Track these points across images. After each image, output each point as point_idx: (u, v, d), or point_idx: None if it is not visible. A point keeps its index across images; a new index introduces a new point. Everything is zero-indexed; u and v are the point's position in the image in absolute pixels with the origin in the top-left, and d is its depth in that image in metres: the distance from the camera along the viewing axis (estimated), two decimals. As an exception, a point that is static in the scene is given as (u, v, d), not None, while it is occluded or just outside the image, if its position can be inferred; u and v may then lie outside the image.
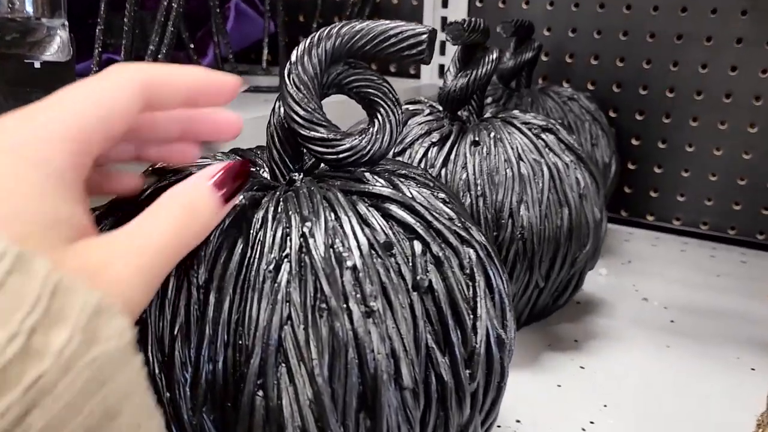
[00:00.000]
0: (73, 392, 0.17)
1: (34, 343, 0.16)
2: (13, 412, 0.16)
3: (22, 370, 0.16)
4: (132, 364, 0.18)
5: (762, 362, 0.45)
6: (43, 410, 0.16)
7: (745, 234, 0.67)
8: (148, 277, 0.20)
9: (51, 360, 0.16)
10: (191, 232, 0.22)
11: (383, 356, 0.23)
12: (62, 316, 0.17)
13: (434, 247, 0.26)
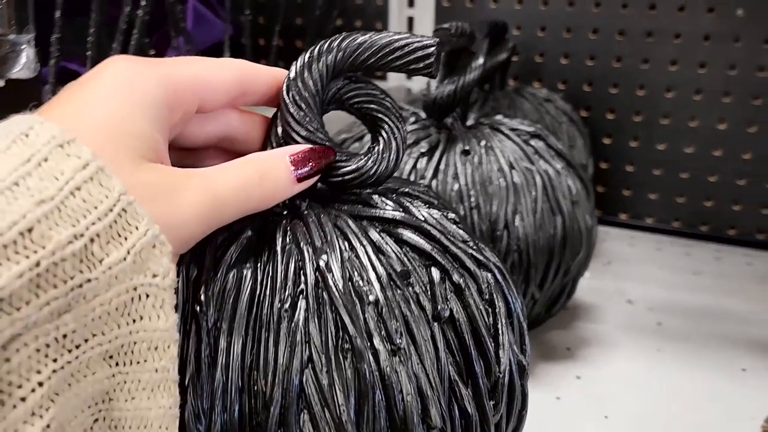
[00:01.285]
0: (109, 309, 0.18)
1: (93, 249, 0.18)
2: (54, 306, 0.17)
3: (73, 270, 0.17)
4: (168, 315, 0.19)
5: (752, 362, 0.45)
6: (76, 315, 0.17)
7: (717, 230, 0.68)
8: (204, 217, 0.21)
9: (101, 271, 0.18)
10: (256, 194, 0.23)
11: (412, 396, 0.22)
12: (123, 234, 0.18)
13: (453, 273, 0.24)
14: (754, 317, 0.52)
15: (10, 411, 0.16)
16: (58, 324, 0.17)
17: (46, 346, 0.17)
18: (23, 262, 0.16)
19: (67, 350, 0.17)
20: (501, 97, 0.60)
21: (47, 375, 0.17)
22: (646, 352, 0.46)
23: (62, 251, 0.17)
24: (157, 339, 0.19)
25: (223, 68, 0.25)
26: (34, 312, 0.16)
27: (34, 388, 0.17)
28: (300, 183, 0.24)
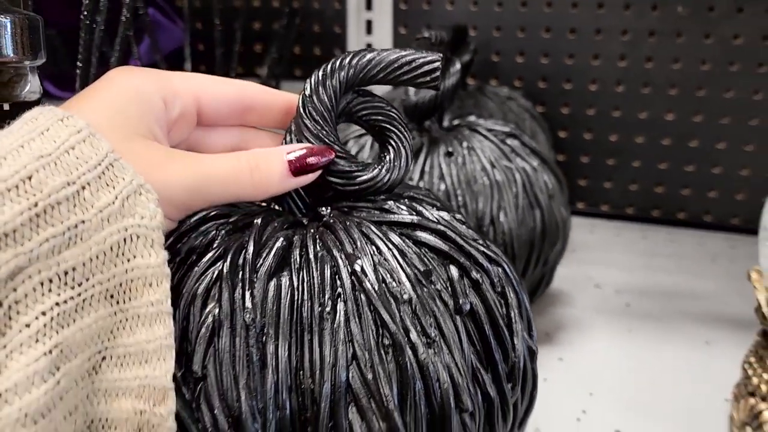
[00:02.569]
0: (103, 249, 0.20)
1: (84, 195, 0.20)
2: (52, 243, 0.19)
3: (68, 212, 0.20)
4: (158, 253, 0.22)
5: (714, 335, 0.49)
6: (74, 253, 0.20)
7: (669, 214, 0.73)
8: (190, 188, 0.24)
9: (93, 213, 0.20)
10: (246, 180, 0.25)
11: (448, 384, 0.24)
12: (111, 183, 0.21)
13: (470, 270, 0.27)
14: (711, 293, 0.56)
15: (15, 335, 0.18)
16: (58, 260, 0.19)
17: (48, 281, 0.19)
18: (24, 203, 0.19)
19: (69, 287, 0.20)
20: (466, 97, 0.62)
21: (50, 306, 0.19)
22: (619, 332, 0.49)
23: (57, 195, 0.20)
24: (151, 275, 0.22)
25: (222, 81, 0.28)
26: (35, 247, 0.19)
27: (37, 317, 0.19)
28: (296, 178, 0.26)
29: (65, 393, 0.19)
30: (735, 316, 0.52)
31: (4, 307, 0.18)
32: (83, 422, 0.21)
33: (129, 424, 0.21)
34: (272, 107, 0.29)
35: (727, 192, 0.71)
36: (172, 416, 0.22)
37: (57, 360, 0.19)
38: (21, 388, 0.18)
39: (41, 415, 0.19)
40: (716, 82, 0.68)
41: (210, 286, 0.24)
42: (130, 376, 0.21)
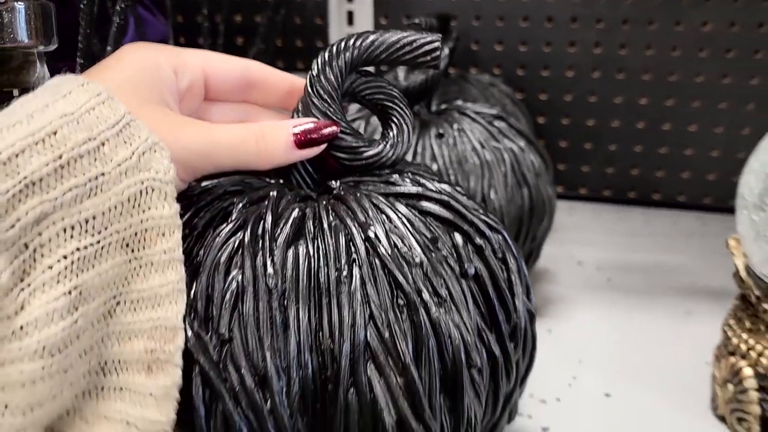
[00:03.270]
0: (121, 200, 0.22)
1: (104, 150, 0.22)
2: (75, 193, 0.21)
3: (89, 165, 0.21)
4: (171, 205, 0.23)
5: (693, 305, 0.52)
6: (95, 203, 0.21)
7: (644, 195, 0.76)
8: (200, 152, 0.26)
9: (112, 167, 0.22)
10: (252, 149, 0.27)
11: (459, 341, 0.25)
12: (128, 141, 0.23)
13: (474, 237, 0.28)
14: (687, 268, 0.59)
15: (39, 275, 0.20)
16: (80, 209, 0.21)
17: (71, 227, 0.21)
18: (49, 155, 0.21)
19: (89, 234, 0.21)
20: (449, 84, 0.64)
21: (71, 251, 0.21)
22: (602, 304, 0.52)
23: (79, 149, 0.21)
24: (164, 225, 0.23)
25: (228, 57, 0.30)
26: (59, 195, 0.20)
27: (59, 260, 0.20)
28: (301, 150, 0.28)
29: (82, 333, 0.21)
30: (711, 288, 0.55)
31: (30, 250, 0.20)
32: (97, 363, 0.22)
33: (139, 363, 0.23)
34: (274, 86, 0.31)
35: (699, 173, 0.73)
36: (179, 353, 0.23)
37: (75, 301, 0.21)
38: (41, 322, 0.20)
39: (58, 350, 0.20)
40: (687, 68, 0.70)
41: (232, 255, 0.25)
42: (143, 319, 0.23)
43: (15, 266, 0.20)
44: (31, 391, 0.20)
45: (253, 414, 0.24)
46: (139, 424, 0.23)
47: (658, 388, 0.41)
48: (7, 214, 0.19)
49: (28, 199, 0.20)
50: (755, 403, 0.35)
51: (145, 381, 0.23)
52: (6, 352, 0.19)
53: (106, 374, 0.23)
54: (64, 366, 0.20)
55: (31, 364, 0.19)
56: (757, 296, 0.35)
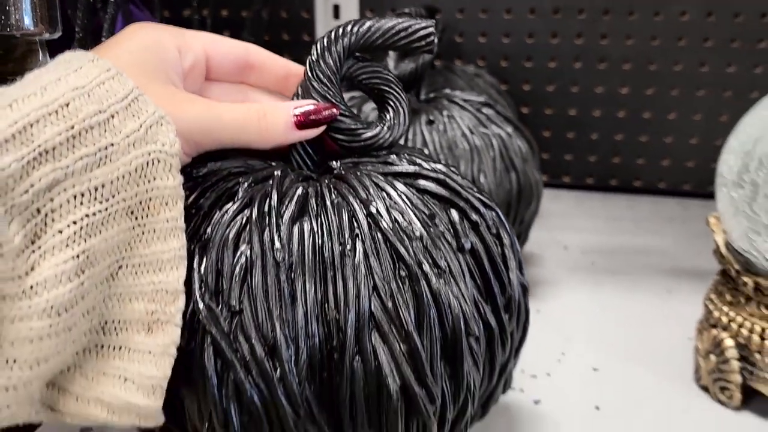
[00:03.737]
0: (129, 170, 0.23)
1: (114, 122, 0.23)
2: (85, 162, 0.22)
3: (99, 136, 0.22)
4: (175, 176, 0.24)
5: (674, 284, 0.54)
6: (104, 171, 0.22)
7: (626, 182, 0.77)
8: (203, 127, 0.27)
9: (121, 138, 0.23)
10: (254, 128, 0.28)
11: (458, 310, 0.27)
12: (136, 114, 0.24)
13: (469, 213, 0.29)
14: (668, 250, 0.61)
15: (49, 239, 0.21)
16: (90, 177, 0.22)
17: (80, 195, 0.22)
18: (62, 125, 0.22)
19: (97, 201, 0.22)
20: (435, 75, 0.65)
21: (80, 216, 0.22)
22: (588, 285, 0.53)
23: (90, 120, 0.22)
24: (168, 195, 0.24)
25: (228, 39, 0.31)
26: (71, 163, 0.22)
27: (69, 225, 0.21)
28: (301, 131, 0.29)
29: (87, 294, 0.22)
30: (691, 269, 0.56)
31: (41, 215, 0.21)
32: (98, 322, 0.23)
33: (139, 324, 0.24)
34: (272, 69, 0.32)
35: (679, 160, 0.75)
36: (179, 314, 0.24)
37: (83, 264, 0.22)
38: (50, 283, 0.21)
39: (64, 309, 0.21)
40: (666, 57, 0.72)
41: (240, 231, 0.26)
42: (145, 282, 0.24)
43: (27, 229, 0.21)
44: (38, 347, 0.21)
45: (263, 382, 0.25)
46: (136, 379, 0.24)
47: (643, 362, 0.42)
48: (21, 180, 0.20)
49: (41, 167, 0.21)
50: (736, 372, 0.37)
51: (144, 340, 0.24)
52: (17, 309, 0.20)
53: (106, 333, 0.24)
54: (68, 324, 0.22)
55: (39, 321, 0.21)
56: (737, 270, 0.37)
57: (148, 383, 0.24)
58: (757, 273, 0.36)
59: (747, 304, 0.37)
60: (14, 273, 0.20)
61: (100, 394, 0.24)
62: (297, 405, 0.25)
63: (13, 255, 0.20)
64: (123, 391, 0.24)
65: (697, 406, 0.38)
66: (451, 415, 0.28)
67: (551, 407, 0.38)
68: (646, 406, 0.38)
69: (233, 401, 0.25)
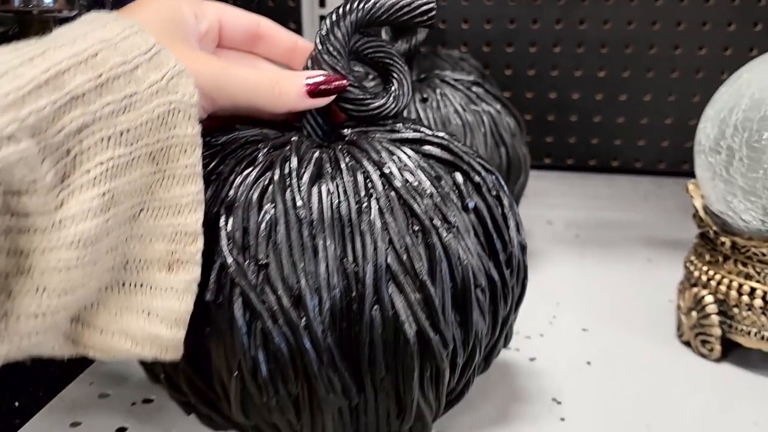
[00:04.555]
0: (151, 117, 0.25)
1: (138, 73, 0.25)
2: (112, 108, 0.23)
3: (125, 85, 0.24)
4: (194, 126, 0.26)
5: (653, 254, 0.56)
6: (129, 118, 0.24)
7: (604, 162, 0.80)
8: (219, 85, 0.29)
9: (144, 87, 0.25)
10: (266, 92, 0.30)
11: (466, 262, 0.29)
12: (159, 66, 0.25)
13: (472, 175, 0.32)
14: (646, 224, 0.64)
15: (77, 178, 0.23)
16: (116, 122, 0.24)
17: (107, 138, 0.23)
18: (91, 73, 0.23)
19: (122, 145, 0.24)
20: (422, 60, 0.67)
21: (107, 158, 0.23)
22: (573, 257, 0.56)
23: (117, 69, 0.24)
24: (187, 143, 0.26)
25: (241, 10, 0.33)
26: (99, 109, 0.23)
27: (96, 165, 0.23)
28: (312, 99, 0.31)
29: (110, 231, 0.24)
30: (668, 240, 0.59)
31: (71, 155, 0.23)
32: (121, 261, 0.25)
33: (160, 263, 0.26)
34: (280, 41, 0.34)
35: (654, 140, 0.78)
36: (199, 254, 0.26)
37: (107, 203, 0.23)
38: (78, 218, 0.22)
39: (90, 243, 0.23)
40: (641, 41, 0.75)
41: (263, 192, 0.28)
42: (165, 224, 0.26)
43: (58, 168, 0.22)
44: (66, 277, 0.22)
45: (290, 330, 0.27)
46: (160, 312, 0.26)
47: (628, 322, 0.45)
48: (53, 123, 0.22)
49: (72, 111, 0.22)
50: (716, 326, 0.40)
51: (166, 277, 0.26)
52: (47, 241, 0.22)
53: (128, 271, 0.26)
54: (94, 258, 0.23)
55: (67, 252, 0.22)
56: (715, 231, 0.40)
57: (172, 317, 0.26)
58: (734, 233, 0.39)
59: (725, 262, 0.40)
60: (46, 208, 0.22)
61: (124, 327, 0.25)
62: (321, 351, 0.27)
63: (45, 191, 0.22)
64: (147, 323, 0.26)
65: (681, 359, 0.41)
66: (461, 361, 0.30)
67: (546, 363, 0.40)
68: (633, 360, 0.41)
69: (261, 349, 0.27)
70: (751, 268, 0.38)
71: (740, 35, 0.73)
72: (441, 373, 0.29)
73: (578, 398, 0.37)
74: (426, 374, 0.29)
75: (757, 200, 0.36)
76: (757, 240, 0.37)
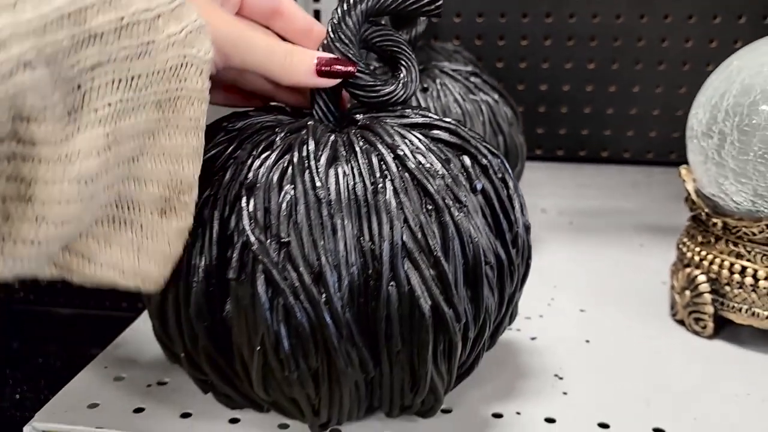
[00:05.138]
0: (164, 67, 0.25)
1: (158, 22, 0.25)
2: (127, 52, 0.24)
3: (144, 32, 0.25)
4: (204, 81, 0.27)
5: (645, 239, 0.58)
6: (142, 64, 0.25)
7: (593, 153, 0.82)
8: (234, 46, 0.29)
9: (162, 38, 0.25)
10: (279, 61, 0.31)
11: (477, 239, 0.30)
12: (180, 19, 0.26)
13: (479, 158, 0.33)
14: (637, 211, 0.66)
15: (86, 114, 0.24)
16: (129, 66, 0.24)
17: (118, 80, 0.24)
18: (113, 15, 0.24)
19: (132, 90, 0.25)
20: (418, 52, 0.68)
21: (116, 99, 0.24)
22: (567, 242, 0.58)
23: (138, 15, 0.24)
24: (194, 97, 0.27)
25: None
26: (114, 51, 0.24)
27: (104, 105, 0.24)
28: (320, 78, 0.32)
29: (110, 170, 0.25)
30: (658, 226, 0.61)
31: (81, 91, 0.24)
32: (116, 199, 0.26)
33: (154, 206, 0.27)
34: (297, 22, 0.35)
35: (642, 130, 0.80)
36: (193, 204, 0.28)
37: (111, 142, 0.24)
38: (82, 154, 0.23)
39: (91, 180, 0.24)
40: (630, 33, 0.77)
41: (283, 174, 0.29)
42: (163, 170, 0.27)
43: (67, 102, 0.23)
44: (65, 210, 0.23)
45: (311, 306, 0.28)
46: (150, 252, 0.27)
47: (624, 303, 0.47)
48: (69, 56, 0.23)
49: (88, 48, 0.23)
50: (709, 303, 0.41)
51: (158, 220, 0.27)
52: (52, 173, 0.23)
53: (121, 209, 0.27)
54: (92, 193, 0.24)
55: (69, 187, 0.23)
56: (707, 213, 0.42)
57: (160, 257, 0.27)
58: (725, 214, 0.41)
59: (716, 243, 0.41)
60: (53, 138, 0.22)
61: (114, 261, 0.27)
62: (341, 326, 0.28)
63: (54, 121, 0.22)
64: (136, 260, 0.27)
65: (676, 336, 0.43)
66: (472, 335, 0.31)
67: (547, 342, 0.42)
68: (630, 338, 0.42)
69: (283, 324, 0.28)
70: (741, 248, 0.40)
71: (725, 28, 0.75)
72: (454, 346, 0.30)
73: (579, 374, 0.39)
74: (439, 347, 0.30)
75: (747, 182, 0.38)
76: (748, 220, 0.39)
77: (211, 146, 0.31)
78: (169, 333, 0.32)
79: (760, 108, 0.37)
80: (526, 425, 0.34)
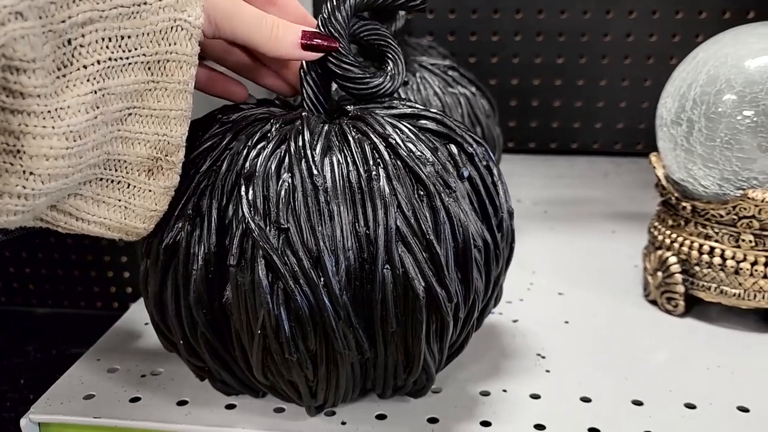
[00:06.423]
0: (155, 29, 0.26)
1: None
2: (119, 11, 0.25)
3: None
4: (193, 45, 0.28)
5: (616, 226, 0.61)
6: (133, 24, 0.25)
7: (564, 145, 0.85)
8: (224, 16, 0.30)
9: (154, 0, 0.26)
10: (266, 33, 0.31)
11: (466, 223, 0.31)
12: None
13: (465, 147, 0.34)
14: (607, 199, 0.68)
15: (74, 70, 0.24)
16: (120, 26, 0.25)
17: (109, 39, 0.25)
18: None
19: (122, 50, 0.25)
20: (392, 47, 0.70)
21: (105, 58, 0.25)
22: (543, 230, 0.60)
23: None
24: (183, 61, 0.28)
25: None
26: (107, 9, 0.24)
27: (93, 63, 0.25)
28: (304, 51, 0.33)
29: (98, 129, 0.26)
30: (628, 213, 0.64)
31: (71, 46, 0.24)
32: (102, 159, 0.27)
33: (141, 166, 0.28)
34: (290, 10, 0.35)
35: (610, 122, 0.83)
36: (180, 164, 0.29)
37: (99, 101, 0.25)
38: (71, 110, 0.24)
39: (79, 137, 0.25)
40: (597, 29, 0.79)
41: (280, 163, 0.30)
42: (150, 132, 0.28)
43: (57, 56, 0.24)
44: (53, 165, 0.24)
45: (310, 290, 0.29)
46: (136, 209, 0.29)
47: (599, 286, 0.49)
48: (62, 9, 0.23)
49: (81, 3, 0.24)
50: (680, 283, 0.43)
51: (145, 179, 0.29)
52: (41, 127, 0.23)
53: (108, 168, 0.28)
54: (80, 151, 0.25)
55: (59, 142, 0.24)
56: (677, 197, 0.44)
57: (147, 214, 0.29)
58: (694, 198, 0.43)
59: (686, 225, 0.44)
60: (43, 91, 0.23)
61: (101, 217, 0.28)
62: (339, 309, 0.29)
63: (44, 74, 0.23)
64: (123, 216, 0.29)
65: (649, 315, 0.45)
66: (462, 315, 0.33)
67: (528, 324, 0.44)
68: (607, 318, 0.44)
69: (284, 308, 0.29)
70: (710, 230, 0.42)
71: (687, 23, 0.78)
72: (446, 325, 0.31)
73: (560, 353, 0.40)
74: (432, 327, 0.31)
75: (714, 166, 0.40)
76: (715, 203, 0.41)
77: (206, 138, 0.32)
78: (167, 321, 0.33)
79: (725, 97, 0.39)
80: (512, 401, 0.36)
